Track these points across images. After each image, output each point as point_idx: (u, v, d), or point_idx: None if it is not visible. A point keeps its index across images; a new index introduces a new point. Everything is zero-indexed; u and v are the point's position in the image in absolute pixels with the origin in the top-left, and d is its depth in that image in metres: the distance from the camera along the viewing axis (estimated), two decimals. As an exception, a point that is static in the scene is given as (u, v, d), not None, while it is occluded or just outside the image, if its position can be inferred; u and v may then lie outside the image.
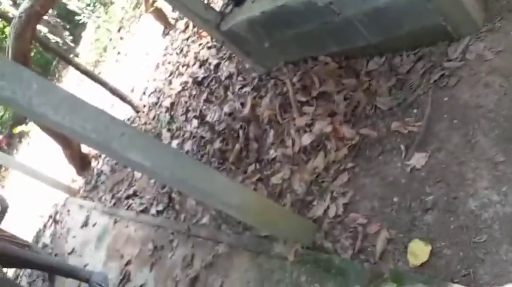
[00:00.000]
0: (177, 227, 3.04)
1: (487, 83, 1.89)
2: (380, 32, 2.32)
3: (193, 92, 4.41)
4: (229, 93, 3.72)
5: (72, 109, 1.46)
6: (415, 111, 2.11)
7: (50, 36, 10.24)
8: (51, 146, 5.79)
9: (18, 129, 6.15)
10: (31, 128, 5.95)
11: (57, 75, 12.09)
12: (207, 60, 4.54)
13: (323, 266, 1.86)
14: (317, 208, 2.20)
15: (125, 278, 3.17)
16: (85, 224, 4.54)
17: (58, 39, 10.86)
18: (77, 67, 5.15)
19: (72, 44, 12.02)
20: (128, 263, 3.28)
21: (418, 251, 1.66)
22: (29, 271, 4.85)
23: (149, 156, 1.60)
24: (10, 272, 5.35)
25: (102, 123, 1.51)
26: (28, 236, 5.84)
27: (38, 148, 8.83)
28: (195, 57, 4.87)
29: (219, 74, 4.12)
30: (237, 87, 3.65)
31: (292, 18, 2.49)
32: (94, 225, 4.32)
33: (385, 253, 1.78)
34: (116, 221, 3.98)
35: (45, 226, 5.74)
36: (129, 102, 5.47)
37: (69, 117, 1.45)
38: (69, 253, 4.38)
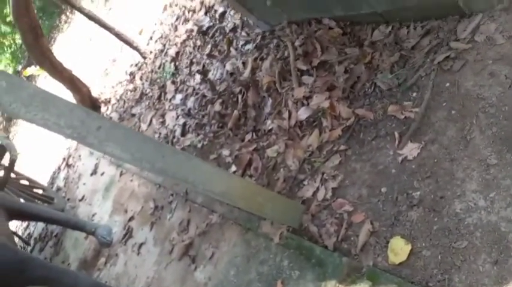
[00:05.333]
0: (177, 189, 3.09)
1: (493, 72, 1.74)
2: (387, 1, 2.13)
3: (198, 43, 4.26)
4: (232, 49, 3.59)
5: (44, 105, 1.42)
6: (414, 94, 1.99)
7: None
8: (61, 90, 5.79)
9: (28, 71, 6.15)
10: (40, 72, 5.91)
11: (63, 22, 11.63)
12: (213, 7, 4.34)
13: (305, 254, 1.89)
14: (307, 188, 2.19)
15: (128, 233, 3.30)
16: (94, 172, 4.66)
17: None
18: (81, 11, 4.98)
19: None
20: (131, 219, 3.40)
21: (398, 250, 1.66)
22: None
23: (128, 148, 1.58)
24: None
25: (77, 118, 1.48)
26: (45, 176, 6.11)
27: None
28: (201, 3, 4.66)
29: (224, 24, 3.96)
30: (241, 42, 3.51)
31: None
32: (102, 174, 4.44)
33: (367, 246, 1.78)
34: (122, 173, 4.07)
35: (59, 168, 5.94)
36: (136, 48, 5.34)
37: (42, 114, 1.42)
38: (80, 200, 4.57)
